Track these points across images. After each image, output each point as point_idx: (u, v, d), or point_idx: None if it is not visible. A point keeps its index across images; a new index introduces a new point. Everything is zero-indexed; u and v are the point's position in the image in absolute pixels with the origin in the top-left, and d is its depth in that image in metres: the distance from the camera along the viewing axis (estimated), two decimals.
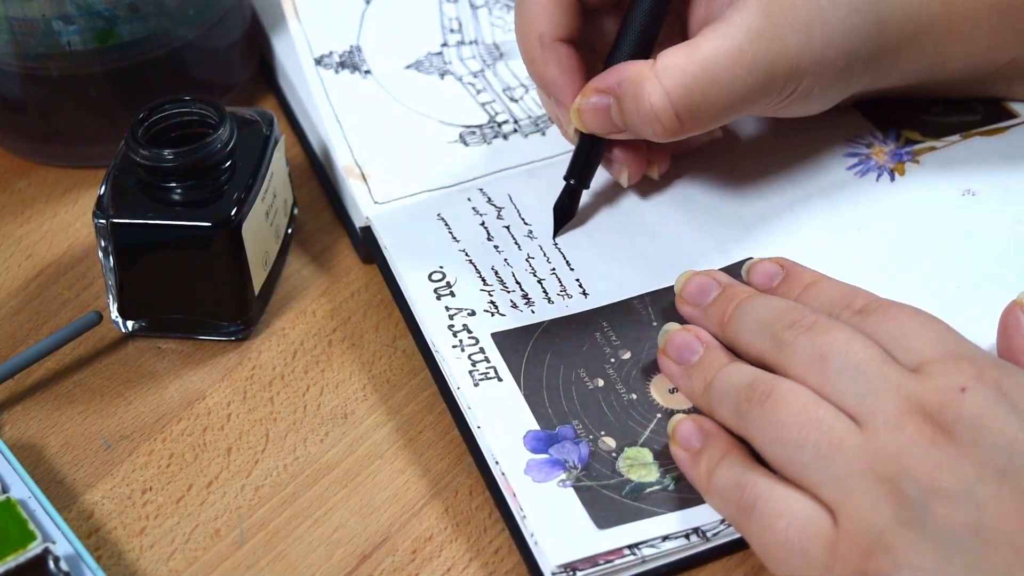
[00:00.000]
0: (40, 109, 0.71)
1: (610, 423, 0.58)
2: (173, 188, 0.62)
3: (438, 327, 0.61)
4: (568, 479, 0.56)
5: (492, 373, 0.59)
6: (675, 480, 0.55)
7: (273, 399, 0.62)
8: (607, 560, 0.54)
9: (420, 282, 0.63)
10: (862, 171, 0.66)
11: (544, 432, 0.57)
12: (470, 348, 0.60)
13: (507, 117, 0.71)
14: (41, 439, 0.61)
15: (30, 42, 0.68)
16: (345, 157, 0.69)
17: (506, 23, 0.75)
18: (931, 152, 0.66)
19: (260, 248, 0.64)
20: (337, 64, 0.73)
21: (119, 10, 0.68)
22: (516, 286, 0.63)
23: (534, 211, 0.66)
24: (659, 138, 0.60)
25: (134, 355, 0.64)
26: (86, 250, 0.69)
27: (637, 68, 0.60)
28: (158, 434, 0.61)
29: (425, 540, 0.57)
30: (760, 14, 0.59)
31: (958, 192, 0.64)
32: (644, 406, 0.58)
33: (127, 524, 0.58)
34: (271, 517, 0.58)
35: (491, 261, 0.64)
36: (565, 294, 0.62)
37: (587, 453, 0.57)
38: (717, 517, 0.54)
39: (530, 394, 0.59)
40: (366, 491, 0.59)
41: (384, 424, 0.61)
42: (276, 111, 0.75)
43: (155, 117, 0.63)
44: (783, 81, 0.59)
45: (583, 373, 0.59)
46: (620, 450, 0.57)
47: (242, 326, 0.64)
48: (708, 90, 0.58)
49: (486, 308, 0.62)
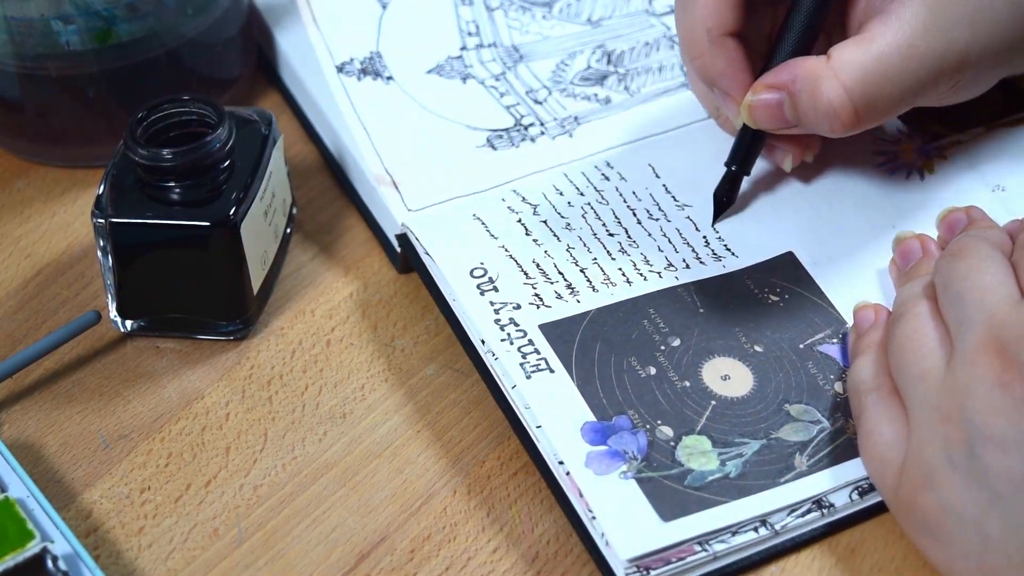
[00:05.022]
0: (39, 109, 0.71)
1: (665, 412, 0.57)
2: (172, 187, 0.62)
3: (485, 322, 0.61)
4: (629, 470, 0.55)
5: (543, 365, 0.59)
6: (736, 468, 0.55)
7: (271, 398, 0.62)
8: (679, 558, 0.53)
9: (462, 279, 0.62)
10: (892, 169, 0.66)
11: (601, 423, 0.57)
12: (519, 341, 0.60)
13: (533, 120, 0.70)
14: (40, 438, 0.61)
15: (29, 42, 0.68)
16: (375, 166, 0.68)
17: (523, 25, 0.75)
18: (958, 146, 0.67)
19: (259, 247, 0.64)
20: (359, 71, 0.73)
21: (118, 10, 0.68)
22: (559, 277, 0.62)
23: (568, 205, 0.66)
24: (834, 133, 0.61)
25: (133, 354, 0.64)
26: (85, 250, 0.69)
27: (812, 65, 0.60)
28: (156, 433, 0.61)
29: (423, 540, 0.57)
30: (925, 8, 0.59)
31: (988, 189, 0.65)
32: (698, 393, 0.58)
33: (125, 523, 0.58)
34: (269, 516, 0.58)
35: (531, 254, 0.63)
36: (609, 283, 0.62)
37: (646, 443, 0.56)
38: (784, 503, 0.55)
39: (583, 384, 0.58)
40: (364, 490, 0.59)
41: (382, 424, 0.61)
42: (278, 107, 0.75)
43: (154, 116, 0.63)
44: (951, 73, 0.60)
45: (634, 361, 0.59)
46: (678, 439, 0.56)
47: (240, 326, 0.64)
48: (883, 85, 0.59)
49: (531, 301, 0.61)
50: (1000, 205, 0.64)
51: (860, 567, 0.55)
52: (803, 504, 0.55)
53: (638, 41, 0.74)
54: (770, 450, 0.56)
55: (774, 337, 0.60)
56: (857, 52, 0.59)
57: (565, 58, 0.73)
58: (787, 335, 0.60)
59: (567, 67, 0.73)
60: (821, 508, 0.55)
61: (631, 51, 0.73)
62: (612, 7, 0.75)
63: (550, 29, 0.75)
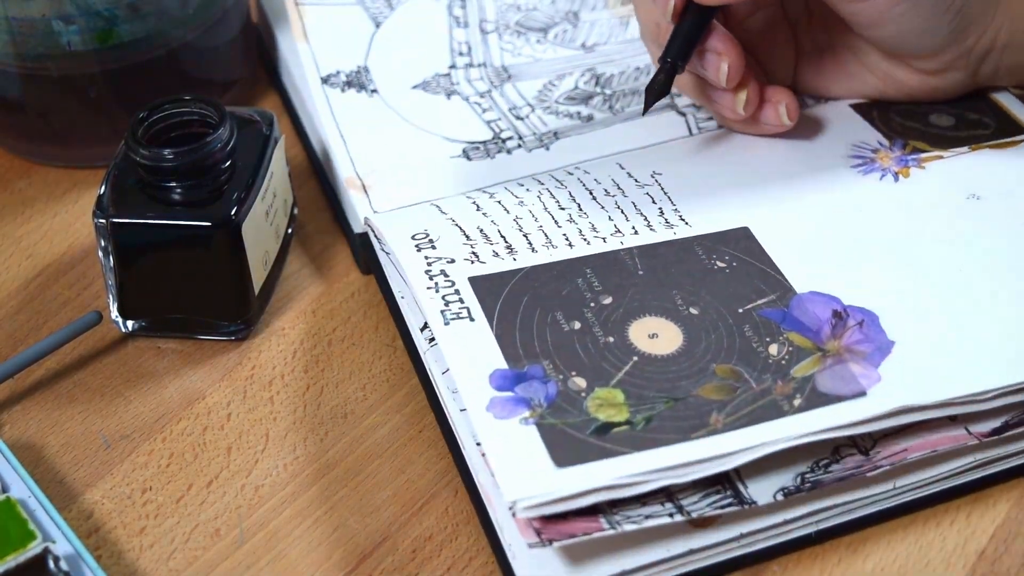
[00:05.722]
0: (40, 109, 0.71)
1: (582, 364, 0.57)
2: (173, 188, 0.62)
3: (415, 273, 0.60)
4: (532, 417, 0.54)
5: (464, 313, 0.58)
6: (646, 420, 0.54)
7: (273, 399, 0.62)
8: (585, 532, 0.52)
9: (403, 241, 0.62)
10: (866, 170, 0.65)
11: (512, 371, 0.56)
12: (445, 289, 0.59)
13: (512, 134, 0.70)
14: (41, 439, 0.61)
15: (30, 42, 0.68)
16: (347, 169, 0.69)
17: (515, 48, 0.75)
18: (938, 160, 0.66)
19: (260, 248, 0.64)
20: (344, 83, 0.73)
21: (119, 10, 0.68)
22: (500, 239, 0.62)
23: (525, 190, 0.65)
24: None
25: (134, 355, 0.64)
26: (86, 250, 0.69)
27: None
28: (158, 434, 0.61)
29: (425, 539, 0.57)
30: None
31: (963, 196, 0.64)
32: (621, 349, 0.57)
33: (127, 524, 0.58)
34: (271, 517, 0.58)
35: (478, 222, 0.63)
36: (550, 245, 0.62)
37: (555, 392, 0.55)
38: (689, 459, 0.52)
39: (502, 334, 0.58)
40: (366, 490, 0.59)
41: (384, 424, 0.61)
42: (278, 109, 0.75)
43: (155, 117, 0.63)
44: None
45: (560, 316, 0.59)
46: (590, 390, 0.56)
47: (242, 326, 0.64)
48: None
49: (466, 257, 0.61)
50: (974, 212, 0.63)
51: (863, 567, 0.55)
52: (713, 476, 0.53)
53: (629, 66, 0.74)
54: (686, 407, 0.55)
55: (713, 300, 0.59)
56: None
57: (553, 79, 0.73)
58: (727, 299, 0.59)
59: (554, 87, 0.73)
60: (742, 504, 0.53)
61: (620, 75, 0.73)
62: (608, 34, 0.75)
63: (542, 52, 0.75)
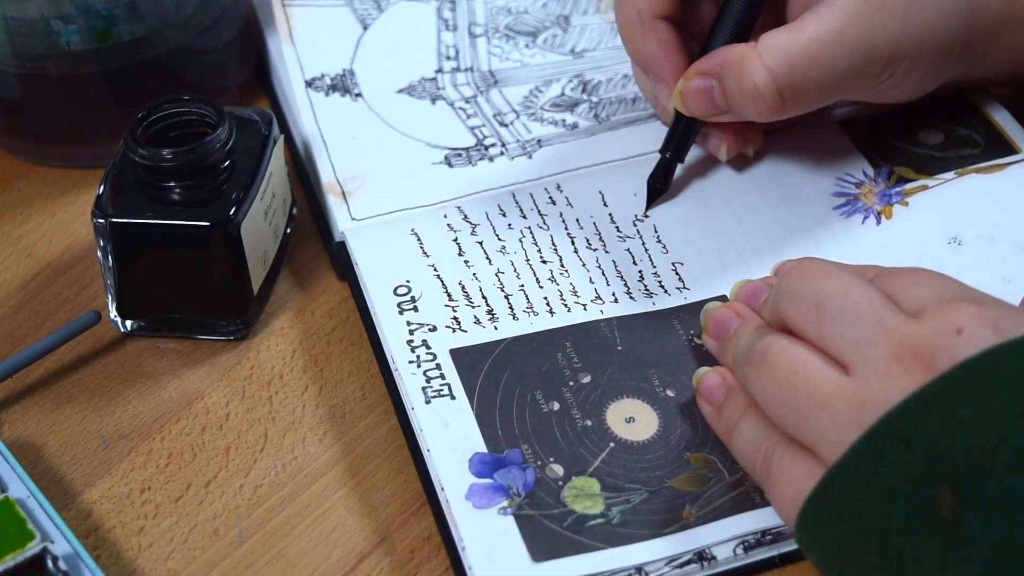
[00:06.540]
0: (39, 109, 0.71)
1: (560, 449, 0.56)
2: (172, 188, 0.62)
3: (398, 342, 0.60)
4: (510, 506, 0.54)
5: (446, 391, 0.58)
6: (621, 514, 0.54)
7: (272, 398, 0.62)
8: None
9: (385, 296, 0.62)
10: (848, 212, 0.65)
11: (491, 455, 0.56)
12: (427, 364, 0.59)
13: (495, 141, 0.70)
14: (40, 438, 0.61)
15: (29, 42, 0.68)
16: (327, 174, 0.68)
17: (504, 52, 0.75)
18: (922, 192, 0.65)
19: (259, 248, 0.64)
20: (328, 87, 0.73)
21: (118, 9, 0.68)
22: (482, 301, 0.62)
23: (508, 228, 0.65)
24: (761, 117, 0.62)
25: (133, 354, 0.64)
26: (85, 250, 0.69)
27: (739, 50, 0.61)
28: (157, 433, 0.61)
29: (424, 540, 0.57)
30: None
31: (944, 240, 0.63)
32: (598, 434, 0.57)
33: (126, 523, 0.58)
34: (269, 516, 0.58)
35: (459, 276, 0.63)
36: (531, 311, 0.62)
37: (533, 480, 0.55)
38: (662, 555, 0.53)
39: (482, 415, 0.57)
40: (364, 490, 0.59)
41: (383, 423, 0.61)
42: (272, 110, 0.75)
43: (154, 117, 0.63)
44: (882, 64, 0.61)
45: (539, 395, 0.58)
46: (568, 479, 0.55)
47: (241, 326, 0.64)
48: (809, 70, 0.60)
49: (448, 324, 0.61)
50: (953, 259, 0.62)
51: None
52: (683, 555, 0.53)
53: (617, 73, 0.73)
54: (660, 499, 0.55)
55: (688, 382, 0.58)
56: (785, 38, 0.60)
57: (540, 85, 0.73)
58: None
59: (540, 93, 0.72)
60: (702, 560, 0.53)
61: (608, 81, 0.73)
62: (598, 39, 0.75)
63: (531, 57, 0.74)
